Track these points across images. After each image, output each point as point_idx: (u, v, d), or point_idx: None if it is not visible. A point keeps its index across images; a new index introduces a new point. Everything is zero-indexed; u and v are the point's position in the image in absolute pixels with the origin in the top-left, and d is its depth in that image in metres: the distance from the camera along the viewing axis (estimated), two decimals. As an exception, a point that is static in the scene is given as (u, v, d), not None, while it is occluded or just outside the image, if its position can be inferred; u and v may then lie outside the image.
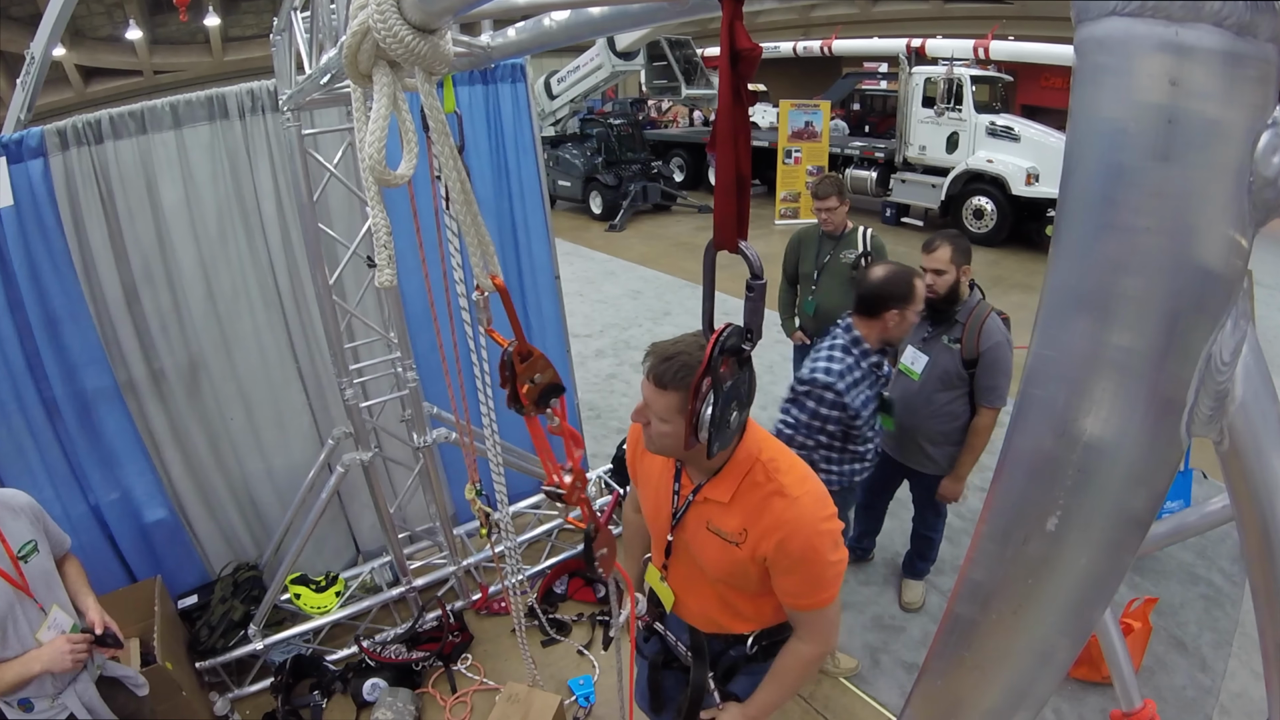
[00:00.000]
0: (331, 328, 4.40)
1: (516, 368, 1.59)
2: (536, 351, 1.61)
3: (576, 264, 14.47)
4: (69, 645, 3.07)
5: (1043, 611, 0.81)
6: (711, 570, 2.63)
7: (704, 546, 2.60)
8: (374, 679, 4.70)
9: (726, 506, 2.52)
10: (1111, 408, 0.69)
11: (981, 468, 4.68)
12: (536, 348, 1.62)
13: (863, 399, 3.87)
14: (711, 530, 2.55)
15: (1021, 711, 0.92)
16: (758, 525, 2.45)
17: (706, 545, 2.59)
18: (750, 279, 1.36)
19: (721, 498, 2.52)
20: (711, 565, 2.61)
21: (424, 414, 4.91)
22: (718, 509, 2.54)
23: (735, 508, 2.50)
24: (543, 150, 5.71)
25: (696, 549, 2.64)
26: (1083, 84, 0.66)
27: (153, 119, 4.34)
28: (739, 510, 2.49)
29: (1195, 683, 4.67)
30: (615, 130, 20.42)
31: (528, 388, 1.62)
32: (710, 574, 2.65)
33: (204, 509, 5.12)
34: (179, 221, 4.53)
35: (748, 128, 1.23)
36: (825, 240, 6.15)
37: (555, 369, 1.64)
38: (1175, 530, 2.07)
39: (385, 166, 1.26)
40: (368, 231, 4.38)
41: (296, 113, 3.94)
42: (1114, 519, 0.75)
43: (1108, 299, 0.67)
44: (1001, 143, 15.26)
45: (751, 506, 2.47)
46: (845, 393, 3.77)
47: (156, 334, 4.65)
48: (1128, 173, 0.64)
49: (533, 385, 1.63)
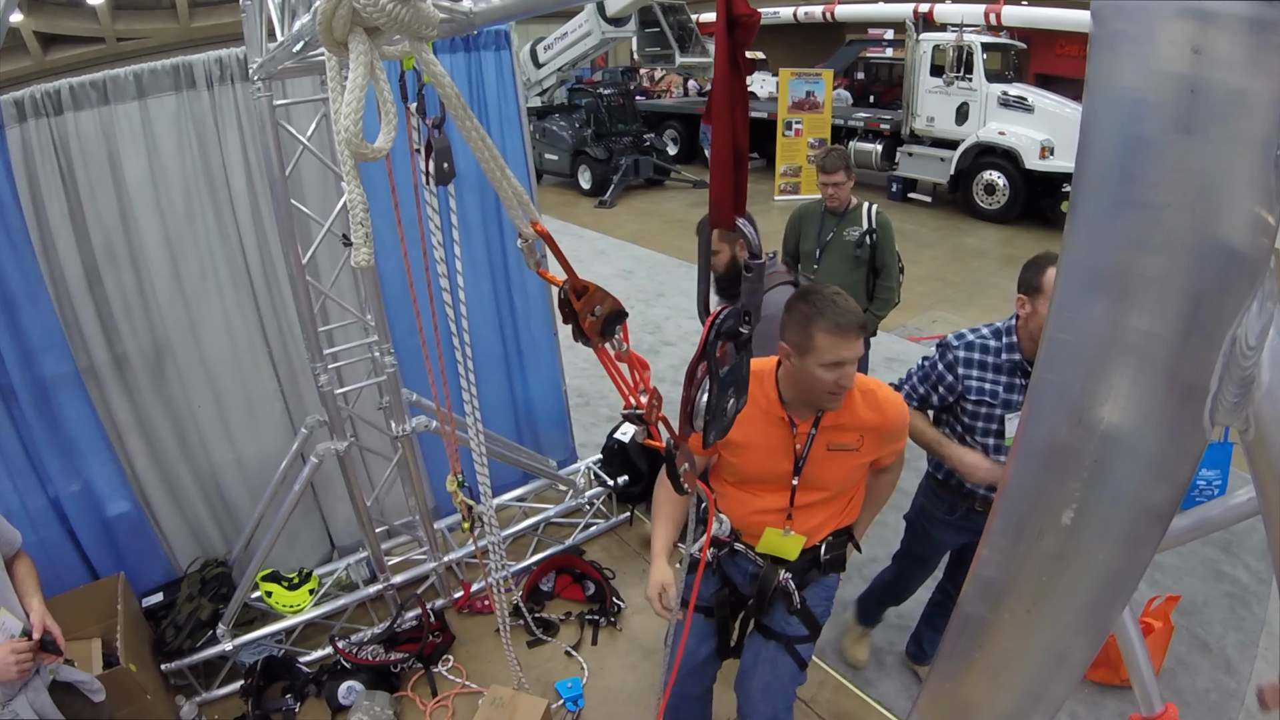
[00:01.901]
0: (305, 310, 4.38)
1: (575, 305, 1.64)
2: (591, 285, 1.65)
3: (565, 242, 14.21)
4: (13, 653, 3.06)
5: (1058, 610, 0.81)
6: (837, 485, 3.28)
7: (831, 468, 3.20)
8: (350, 681, 4.69)
9: (840, 424, 3.13)
10: (1130, 394, 0.69)
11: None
12: (591, 282, 1.66)
13: (987, 389, 3.63)
14: (834, 450, 3.15)
15: (1035, 716, 0.92)
16: (866, 424, 3.15)
17: (832, 465, 3.19)
18: (748, 258, 1.36)
19: (837, 419, 3.13)
20: (838, 481, 3.27)
21: (403, 401, 4.89)
22: (834, 430, 3.14)
23: (845, 420, 3.12)
24: (528, 122, 5.70)
25: (823, 475, 3.21)
26: (1100, 52, 0.65)
27: (115, 89, 4.31)
28: (848, 420, 3.13)
29: (1219, 686, 4.65)
30: (605, 101, 20.33)
31: (590, 321, 1.66)
32: (834, 489, 3.29)
33: (170, 502, 5.11)
34: (143, 197, 4.51)
35: (745, 98, 1.23)
36: (828, 217, 6.14)
37: (614, 297, 1.68)
38: (1198, 524, 2.07)
39: (362, 139, 1.25)
40: (343, 208, 4.37)
41: (268, 82, 3.91)
42: (1133, 512, 0.75)
43: (1126, 279, 0.67)
44: (1014, 114, 15.24)
45: (854, 413, 3.14)
46: (961, 364, 3.65)
47: (119, 317, 4.63)
48: (1147, 146, 0.64)
49: (594, 318, 1.66)
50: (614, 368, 1.79)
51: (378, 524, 5.31)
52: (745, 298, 1.47)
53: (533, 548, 5.97)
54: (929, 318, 10.79)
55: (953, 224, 15.83)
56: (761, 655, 3.44)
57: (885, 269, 6.09)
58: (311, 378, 4.63)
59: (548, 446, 6.51)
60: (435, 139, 2.88)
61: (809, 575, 3.44)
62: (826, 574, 3.50)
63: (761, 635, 3.47)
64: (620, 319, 1.75)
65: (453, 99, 1.42)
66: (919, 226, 15.51)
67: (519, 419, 6.38)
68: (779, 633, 3.42)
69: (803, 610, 3.41)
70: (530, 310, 5.94)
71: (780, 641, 3.42)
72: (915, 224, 15.58)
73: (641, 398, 1.86)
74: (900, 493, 3.88)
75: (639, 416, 1.87)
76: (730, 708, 3.64)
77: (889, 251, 6.06)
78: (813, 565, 3.43)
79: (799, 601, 3.38)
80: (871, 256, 6.04)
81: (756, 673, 3.44)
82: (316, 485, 5.51)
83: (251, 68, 3.90)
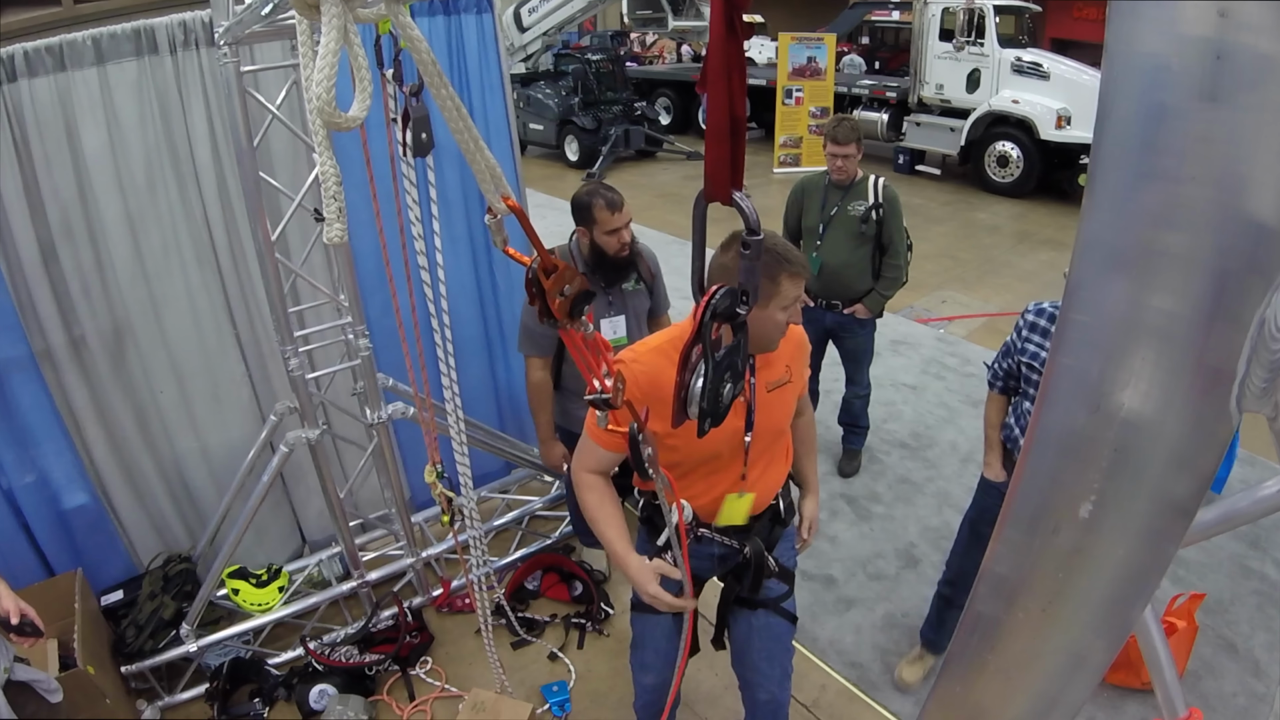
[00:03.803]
0: (274, 289, 4.36)
1: (544, 284, 1.64)
2: (561, 264, 1.65)
3: (550, 218, 14.35)
4: None
5: (1075, 609, 0.81)
6: (781, 422, 3.35)
7: (774, 409, 3.25)
8: (322, 685, 4.69)
9: (768, 360, 3.18)
10: (1152, 379, 0.69)
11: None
12: (560, 259, 1.66)
13: (1041, 356, 3.84)
14: (773, 389, 3.21)
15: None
16: (788, 352, 3.24)
17: (775, 405, 3.25)
18: (746, 234, 1.36)
19: (765, 356, 3.17)
20: (782, 418, 3.34)
21: (378, 386, 4.88)
22: (765, 369, 3.18)
23: (773, 355, 3.19)
24: (512, 90, 5.68)
25: (770, 420, 3.24)
26: (1120, 14, 0.65)
27: (72, 54, 4.27)
28: (775, 354, 3.19)
29: (1247, 689, 4.66)
30: (594, 67, 20.28)
31: (559, 301, 1.66)
32: (780, 428, 3.35)
33: (130, 494, 5.10)
34: (102, 170, 4.47)
35: (743, 64, 1.22)
36: (832, 190, 6.13)
37: (583, 275, 1.69)
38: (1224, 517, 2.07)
39: (335, 108, 1.25)
40: (315, 181, 4.36)
41: (235, 47, 3.86)
42: (1155, 505, 0.75)
43: (1148, 257, 0.66)
44: (1028, 81, 15.23)
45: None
46: (1027, 327, 3.88)
47: (77, 296, 4.60)
48: (1170, 115, 0.63)
49: (563, 298, 1.67)
50: (581, 350, 1.80)
51: (351, 517, 5.29)
52: (743, 277, 1.47)
53: (516, 542, 5.99)
54: (938, 298, 10.80)
55: (963, 198, 15.86)
56: (754, 625, 3.56)
57: (892, 246, 6.08)
58: (281, 361, 4.60)
59: (531, 435, 6.41)
60: (413, 107, 2.87)
61: (775, 534, 3.53)
62: (786, 525, 3.60)
63: (745, 607, 3.55)
64: (589, 299, 1.76)
65: (428, 64, 1.41)
66: (927, 201, 15.52)
67: (502, 405, 6.37)
68: (762, 600, 3.51)
69: (779, 568, 3.50)
70: (514, 290, 5.90)
71: (767, 606, 3.54)
72: (923, 198, 15.59)
73: (606, 381, 1.87)
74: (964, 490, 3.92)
75: (605, 401, 1.88)
76: (712, 673, 3.66)
77: (896, 228, 6.05)
78: (775, 522, 3.52)
79: (774, 566, 3.44)
80: (877, 233, 6.03)
81: (755, 643, 3.58)
82: (286, 476, 5.51)
83: (218, 31, 3.86)
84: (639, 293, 4.85)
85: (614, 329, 4.72)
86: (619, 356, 3.16)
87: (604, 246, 4.48)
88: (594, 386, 1.87)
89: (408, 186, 2.98)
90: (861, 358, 6.58)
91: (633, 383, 3.00)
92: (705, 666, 4.64)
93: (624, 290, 4.77)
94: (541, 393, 4.90)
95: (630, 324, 4.78)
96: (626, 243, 4.51)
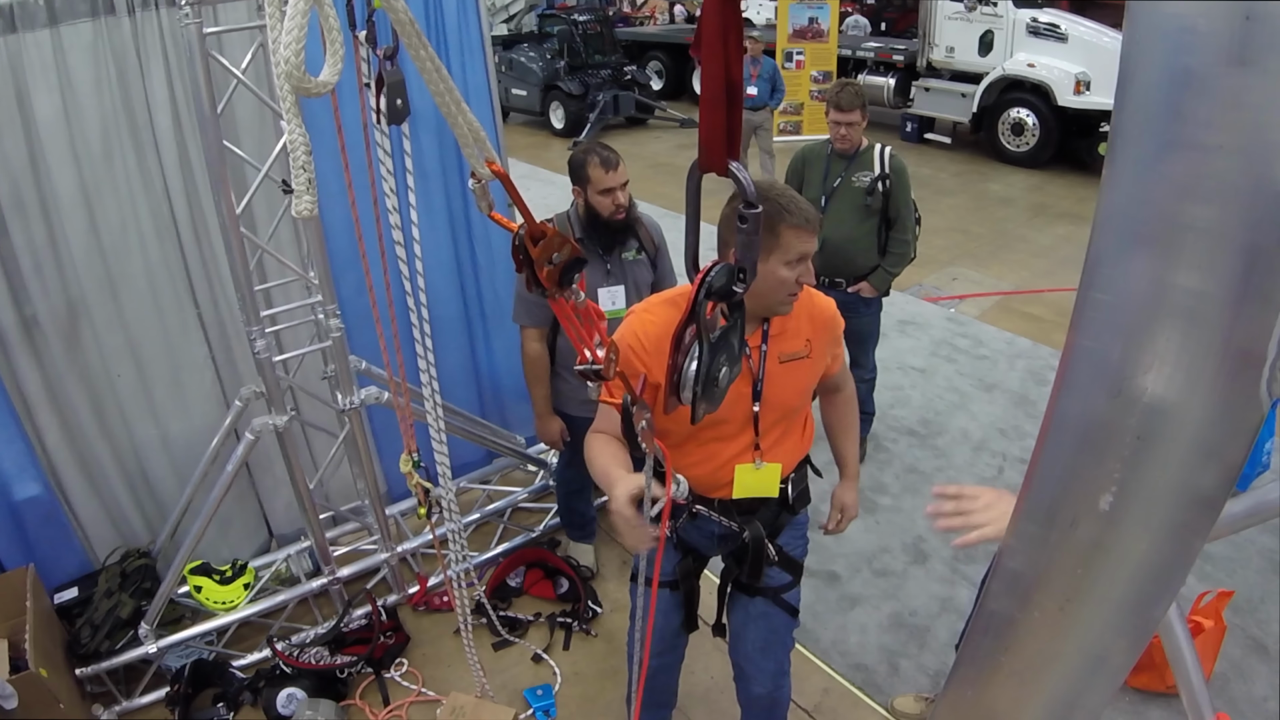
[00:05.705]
0: (239, 266, 4.34)
1: (531, 251, 1.63)
2: (550, 229, 1.64)
3: (535, 189, 14.37)
4: None
5: (1094, 607, 0.81)
6: (796, 398, 3.36)
7: (786, 382, 3.27)
8: (290, 688, 4.68)
9: (785, 330, 3.22)
10: (1177, 362, 0.69)
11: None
12: (549, 225, 1.65)
13: None
14: (786, 361, 3.24)
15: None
16: (810, 326, 3.28)
17: (787, 378, 3.27)
18: (743, 206, 1.35)
19: (783, 325, 3.23)
20: (796, 394, 3.35)
21: (350, 370, 4.87)
22: (781, 339, 3.22)
23: (789, 325, 3.23)
24: (493, 53, 5.66)
25: (781, 393, 3.28)
26: (1144, -28, 0.65)
27: (23, 15, 4.23)
28: (791, 325, 3.24)
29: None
30: (580, 28, 20.17)
31: (548, 270, 1.66)
32: (791, 405, 3.35)
33: (86, 484, 5.10)
34: (56, 138, 4.45)
35: (739, 25, 1.22)
36: (835, 160, 6.11)
37: (573, 242, 1.68)
38: (1254, 510, 2.07)
39: (304, 72, 1.24)
40: (283, 150, 4.35)
41: (197, 7, 3.84)
42: (1179, 496, 0.75)
43: (1173, 231, 0.66)
44: (1045, 43, 15.16)
45: (794, 316, 3.22)
46: None
47: (28, 274, 4.58)
48: (1197, 80, 0.63)
49: (552, 266, 1.66)
50: (572, 321, 1.79)
51: (322, 510, 5.31)
52: (740, 252, 1.46)
53: (498, 536, 6.00)
54: (948, 275, 10.78)
55: (975, 168, 15.84)
56: (751, 612, 3.62)
57: (899, 220, 6.06)
58: (246, 343, 4.59)
59: (515, 421, 6.49)
60: (387, 72, 2.87)
61: (780, 521, 3.56)
62: (796, 513, 3.63)
63: (745, 593, 3.61)
64: (580, 266, 1.76)
65: (405, 24, 1.41)
66: (937, 171, 15.51)
67: (482, 390, 6.37)
68: (762, 587, 3.56)
69: (781, 557, 3.53)
70: (495, 266, 5.90)
71: (766, 595, 3.57)
72: (933, 168, 15.57)
73: (599, 351, 1.88)
74: (976, 480, 3.92)
75: (596, 372, 1.88)
76: (706, 674, 3.68)
77: (904, 200, 6.04)
78: (782, 509, 3.54)
79: (773, 554, 3.47)
80: (884, 205, 6.01)
81: (749, 632, 3.63)
82: (252, 465, 5.50)
83: (178, -11, 3.87)
84: (640, 263, 4.89)
85: (613, 299, 4.75)
86: (630, 309, 3.32)
87: (597, 208, 4.54)
88: (585, 357, 1.88)
89: (382, 156, 2.97)
90: (866, 339, 6.53)
91: (643, 334, 3.09)
92: (700, 669, 4.66)
93: (624, 260, 4.81)
94: (538, 365, 4.93)
95: (630, 295, 4.80)
96: (622, 204, 4.57)
